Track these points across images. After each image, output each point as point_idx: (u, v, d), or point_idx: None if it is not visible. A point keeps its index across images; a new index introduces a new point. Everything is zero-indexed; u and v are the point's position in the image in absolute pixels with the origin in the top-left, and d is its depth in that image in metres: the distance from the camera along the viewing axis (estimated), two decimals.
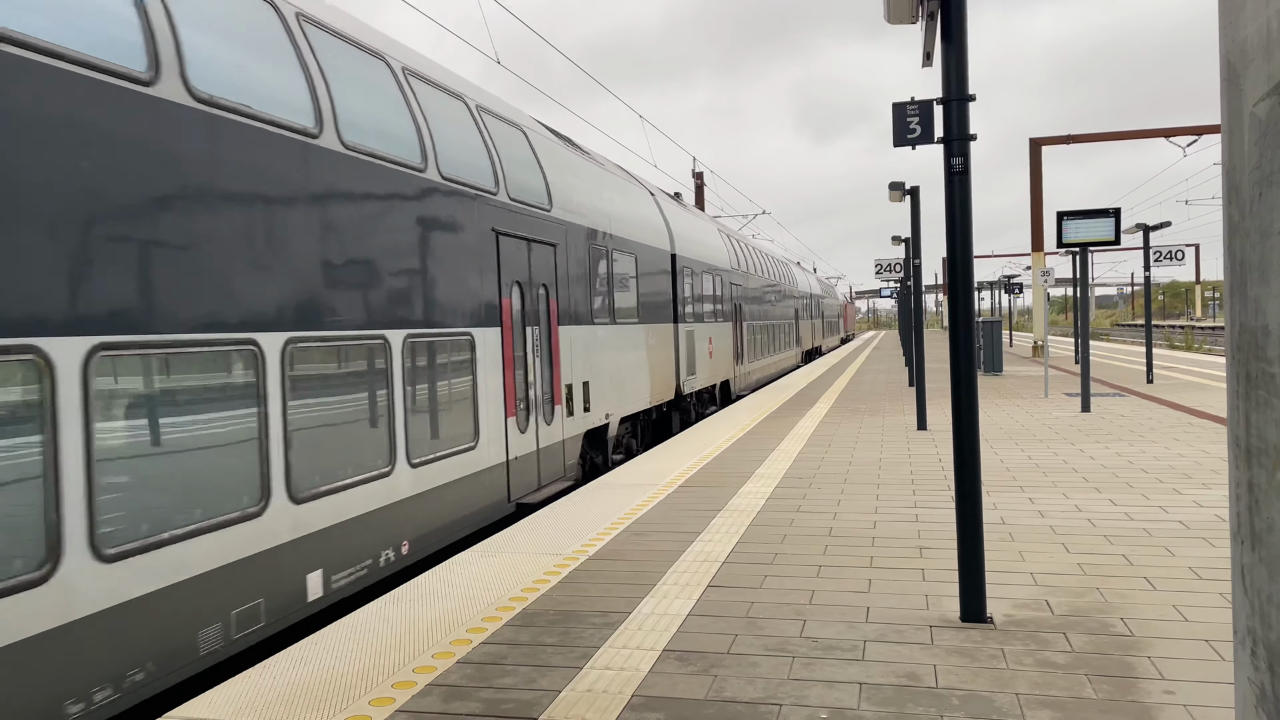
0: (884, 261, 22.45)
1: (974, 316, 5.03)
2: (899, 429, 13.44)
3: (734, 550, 6.64)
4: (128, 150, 4.76)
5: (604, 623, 5.15)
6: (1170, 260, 23.06)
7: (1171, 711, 3.81)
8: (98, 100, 4.58)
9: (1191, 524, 7.02)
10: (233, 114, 5.52)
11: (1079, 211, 14.52)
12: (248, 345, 5.51)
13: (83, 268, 4.41)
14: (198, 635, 5.02)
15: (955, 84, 4.92)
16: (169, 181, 5.03)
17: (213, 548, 5.15)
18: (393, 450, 7.00)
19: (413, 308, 7.45)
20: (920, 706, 3.93)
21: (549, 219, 10.41)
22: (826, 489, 8.88)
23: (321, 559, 6.09)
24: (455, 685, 4.32)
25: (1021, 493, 8.42)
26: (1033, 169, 30.57)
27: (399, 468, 7.07)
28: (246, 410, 5.50)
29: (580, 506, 8.40)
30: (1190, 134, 29.63)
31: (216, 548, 5.18)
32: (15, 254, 4.07)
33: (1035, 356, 30.91)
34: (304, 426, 5.96)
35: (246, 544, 5.40)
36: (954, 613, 5.12)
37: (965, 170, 4.97)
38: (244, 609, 5.37)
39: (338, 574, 6.28)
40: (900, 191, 14.53)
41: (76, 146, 4.45)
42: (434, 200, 7.89)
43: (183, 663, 4.91)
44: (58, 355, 4.24)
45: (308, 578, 5.94)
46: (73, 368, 4.31)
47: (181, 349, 5.00)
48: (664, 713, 3.96)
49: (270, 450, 5.65)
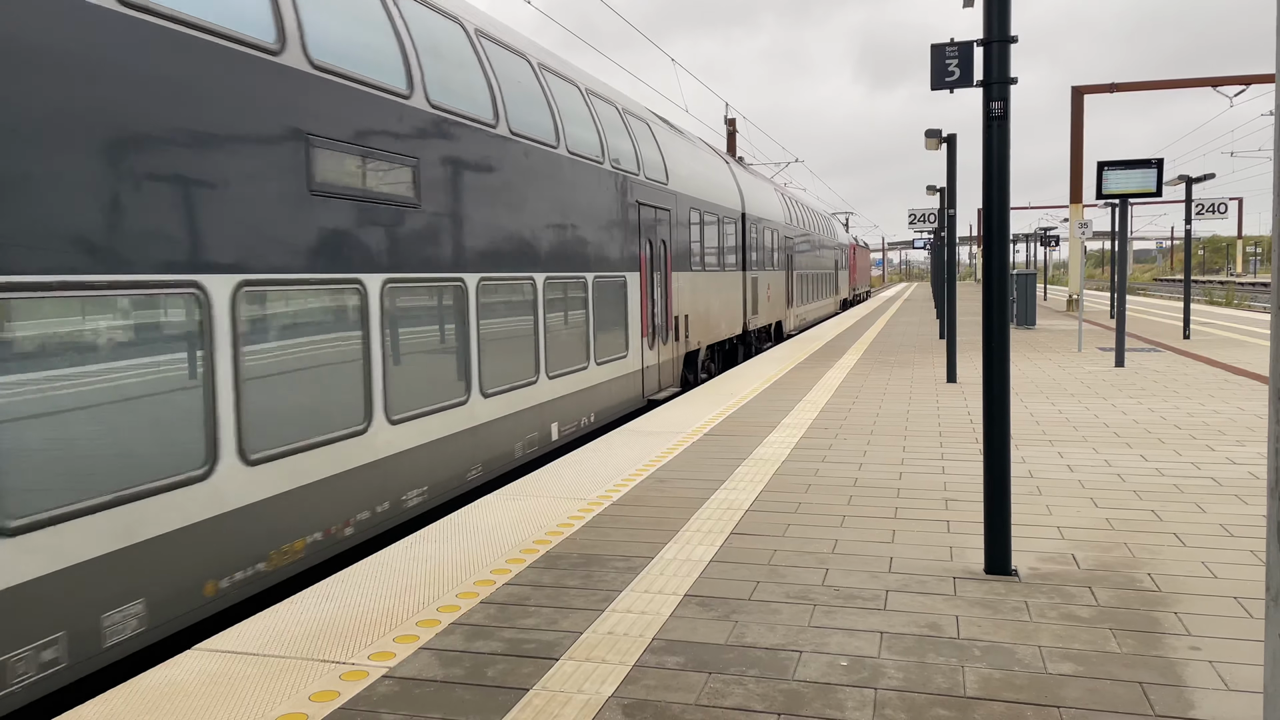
0: (918, 211, 22.08)
1: (1009, 267, 4.92)
2: (928, 381, 13.32)
3: (758, 499, 6.64)
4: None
5: (626, 567, 5.18)
6: (1212, 214, 22.52)
7: (1197, 667, 3.78)
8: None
9: (1224, 480, 6.92)
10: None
11: (1120, 162, 14.16)
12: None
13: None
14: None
15: (997, 24, 4.76)
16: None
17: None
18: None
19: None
20: (941, 656, 3.93)
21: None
22: (852, 440, 8.84)
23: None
24: (478, 625, 4.37)
25: (1051, 447, 8.33)
26: (1074, 118, 29.82)
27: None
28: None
29: (605, 453, 8.43)
30: (1239, 83, 28.74)
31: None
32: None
33: (1070, 310, 30.47)
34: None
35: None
36: (978, 565, 5.10)
37: (1005, 115, 4.83)
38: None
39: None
40: (937, 139, 14.22)
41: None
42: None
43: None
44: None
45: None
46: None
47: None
48: (684, 656, 3.98)
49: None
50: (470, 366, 7.87)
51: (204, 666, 3.94)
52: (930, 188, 20.68)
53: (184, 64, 4.89)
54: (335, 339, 6.12)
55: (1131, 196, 14.28)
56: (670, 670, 3.85)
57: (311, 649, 4.12)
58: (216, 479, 5.07)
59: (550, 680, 3.77)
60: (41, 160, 4.08)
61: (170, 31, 4.82)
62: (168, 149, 4.77)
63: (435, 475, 7.32)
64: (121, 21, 4.55)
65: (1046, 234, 39.96)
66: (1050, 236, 39.33)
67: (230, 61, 5.22)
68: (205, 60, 5.06)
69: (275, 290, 5.58)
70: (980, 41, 4.84)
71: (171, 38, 4.82)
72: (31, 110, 4.07)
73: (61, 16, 4.24)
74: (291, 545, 5.66)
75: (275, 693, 3.69)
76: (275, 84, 5.56)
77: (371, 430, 6.46)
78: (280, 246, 5.59)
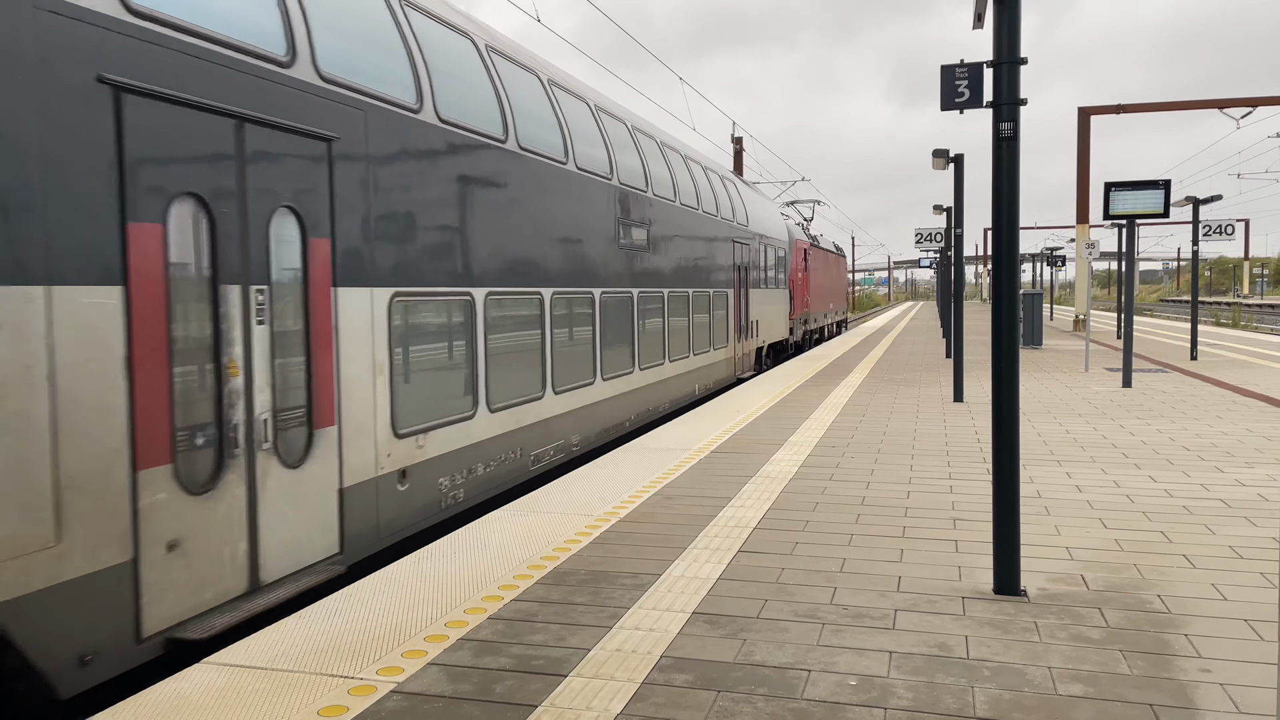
0: (924, 231, 22.10)
1: (1018, 287, 4.93)
2: (935, 400, 13.31)
3: (765, 516, 6.63)
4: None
5: (634, 584, 5.18)
6: (1219, 235, 22.50)
7: (1208, 690, 3.76)
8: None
9: (1233, 502, 6.90)
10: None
11: (1127, 183, 14.18)
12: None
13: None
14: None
15: (1007, 46, 4.79)
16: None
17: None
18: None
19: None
20: (951, 677, 3.91)
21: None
22: (860, 458, 8.83)
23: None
24: (487, 640, 4.37)
25: (1059, 467, 8.32)
26: (1080, 139, 29.89)
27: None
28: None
29: (612, 469, 8.43)
30: (1245, 105, 28.79)
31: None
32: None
33: (1076, 330, 30.42)
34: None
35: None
36: (987, 585, 5.09)
37: (1014, 136, 4.86)
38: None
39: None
40: (944, 159, 14.26)
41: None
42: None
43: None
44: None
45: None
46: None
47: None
48: (693, 674, 3.98)
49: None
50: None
51: (212, 680, 3.94)
52: (937, 207, 20.70)
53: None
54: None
55: (1139, 217, 14.30)
56: (679, 688, 3.84)
57: (320, 663, 4.12)
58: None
59: (559, 697, 3.76)
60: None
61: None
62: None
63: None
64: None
65: (1053, 254, 39.93)
66: (1057, 256, 39.29)
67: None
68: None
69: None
70: (990, 63, 4.88)
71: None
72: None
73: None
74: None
75: (284, 707, 3.69)
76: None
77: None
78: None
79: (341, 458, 6.10)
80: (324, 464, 5.93)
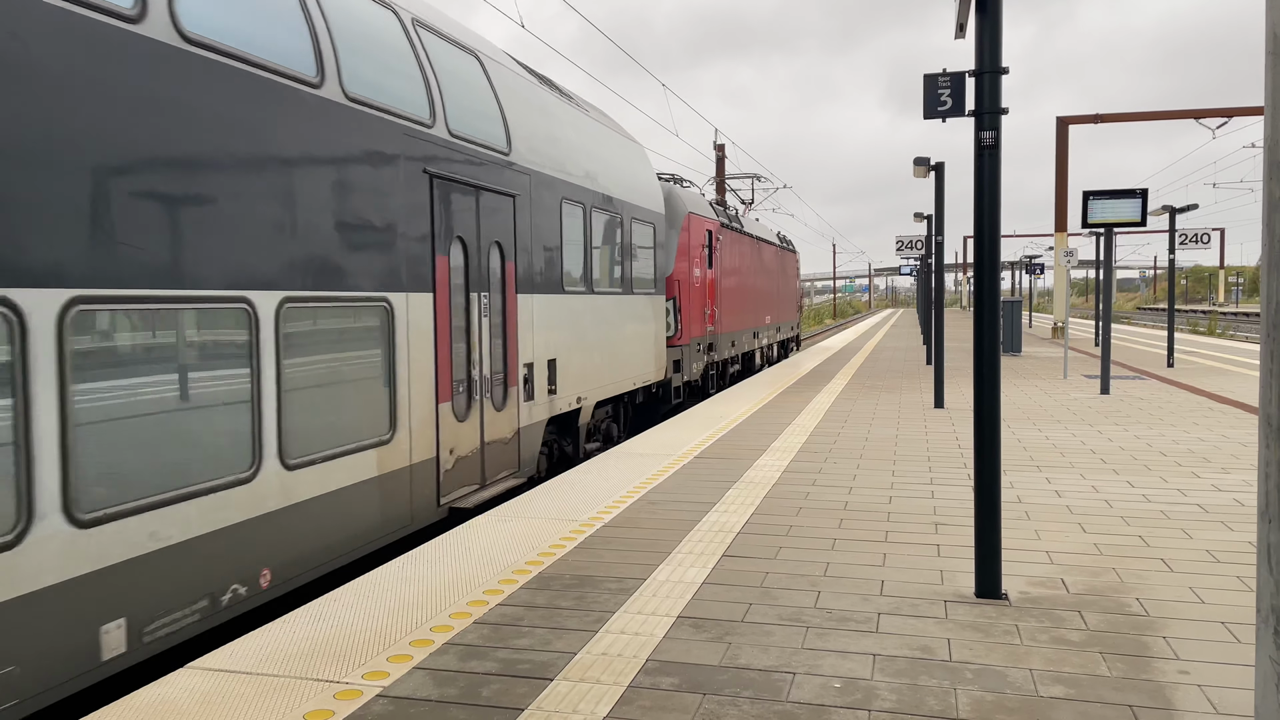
0: (905, 238, 22.27)
1: (999, 294, 4.99)
2: (916, 407, 13.41)
3: (749, 521, 6.67)
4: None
5: (619, 588, 5.20)
6: (1195, 243, 22.79)
7: (1186, 691, 3.82)
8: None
9: (1210, 507, 6.99)
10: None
11: (1105, 191, 14.35)
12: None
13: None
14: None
15: (988, 56, 4.86)
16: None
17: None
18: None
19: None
20: (934, 679, 3.96)
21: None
22: (842, 464, 8.88)
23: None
24: (472, 645, 4.38)
25: (1038, 472, 8.40)
26: (1059, 148, 30.20)
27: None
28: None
29: (596, 474, 8.45)
30: (1220, 115, 29.18)
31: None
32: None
33: (1055, 338, 30.69)
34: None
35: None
36: (969, 589, 5.14)
37: (996, 145, 4.92)
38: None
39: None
40: (925, 167, 14.38)
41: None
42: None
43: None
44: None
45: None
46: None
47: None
48: (678, 677, 4.00)
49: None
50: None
51: (197, 685, 3.93)
52: (918, 214, 20.88)
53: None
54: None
55: (1116, 226, 14.47)
56: (665, 691, 3.86)
57: (305, 668, 4.11)
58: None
59: (545, 700, 3.78)
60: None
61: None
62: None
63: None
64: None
65: (1031, 262, 40.32)
66: (1035, 265, 39.68)
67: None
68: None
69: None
70: (972, 72, 4.94)
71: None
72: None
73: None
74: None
75: (269, 711, 3.69)
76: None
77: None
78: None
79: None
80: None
